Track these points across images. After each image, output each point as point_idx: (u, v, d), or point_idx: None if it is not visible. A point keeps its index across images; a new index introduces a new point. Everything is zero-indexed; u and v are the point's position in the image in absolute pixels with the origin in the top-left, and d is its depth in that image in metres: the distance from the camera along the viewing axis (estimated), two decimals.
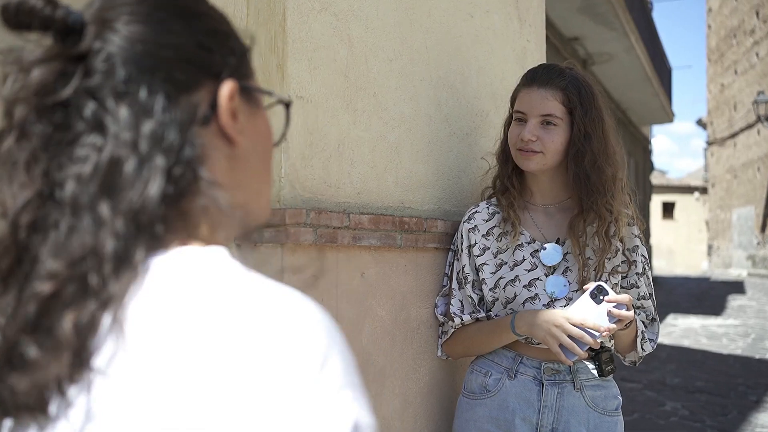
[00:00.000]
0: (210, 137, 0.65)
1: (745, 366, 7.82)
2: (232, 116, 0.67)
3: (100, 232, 0.58)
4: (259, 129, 0.71)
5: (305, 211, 1.59)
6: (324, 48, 1.73)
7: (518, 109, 1.87)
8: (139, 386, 0.55)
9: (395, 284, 1.88)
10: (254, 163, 0.70)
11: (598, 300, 1.68)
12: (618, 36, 9.90)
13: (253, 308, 0.57)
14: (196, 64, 0.65)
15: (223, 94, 0.66)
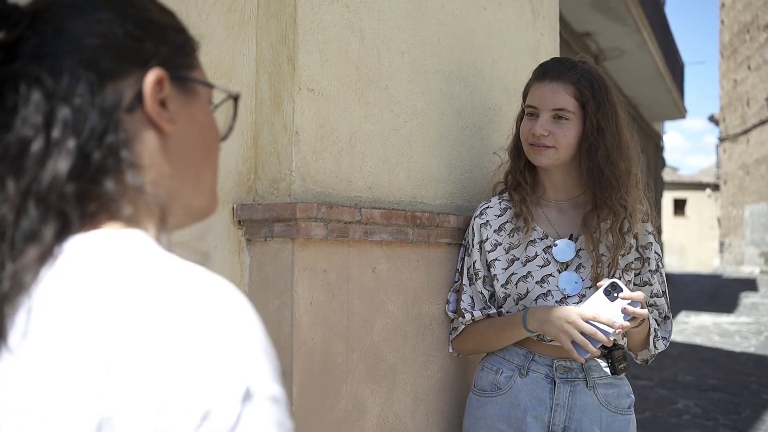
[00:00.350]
0: (137, 124, 0.67)
1: (758, 364, 7.75)
2: (160, 104, 0.68)
3: (3, 208, 0.60)
4: (197, 119, 0.72)
5: (316, 206, 1.57)
6: (335, 40, 1.70)
7: (530, 104, 1.85)
8: (34, 366, 0.57)
9: (407, 280, 1.86)
10: (190, 152, 0.72)
11: (612, 297, 1.65)
12: (630, 31, 9.82)
13: (160, 292, 0.58)
14: (124, 53, 0.66)
15: (148, 81, 0.67)
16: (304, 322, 1.57)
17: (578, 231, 1.84)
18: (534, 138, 1.81)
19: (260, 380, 0.57)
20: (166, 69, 0.68)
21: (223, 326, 0.57)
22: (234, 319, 0.58)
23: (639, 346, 1.85)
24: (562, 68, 1.82)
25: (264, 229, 1.60)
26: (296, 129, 1.60)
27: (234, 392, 0.55)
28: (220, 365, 0.55)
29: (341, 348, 1.66)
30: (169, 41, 0.71)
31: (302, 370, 1.57)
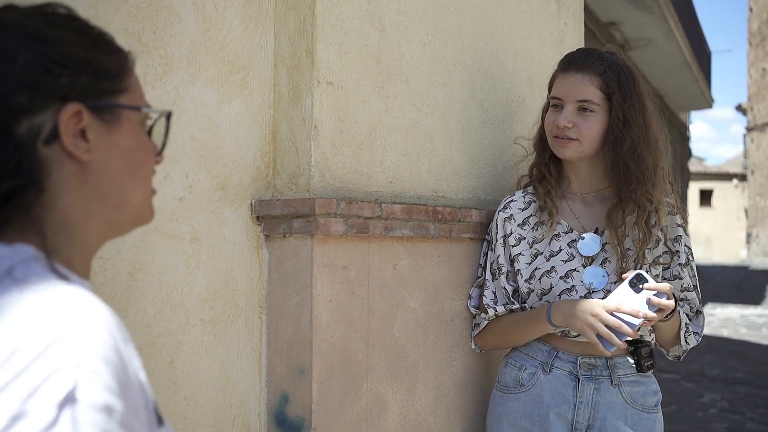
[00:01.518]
0: (56, 155, 0.71)
1: None
2: (77, 135, 0.72)
3: None
4: (120, 144, 0.76)
5: (336, 201, 1.54)
6: (355, 32, 1.67)
7: (554, 95, 1.81)
8: None
9: (428, 276, 1.83)
10: (112, 176, 0.75)
11: (637, 288, 1.62)
12: (656, 20, 9.66)
13: (8, 302, 0.62)
14: (39, 89, 0.70)
15: (62, 116, 0.70)
16: (323, 319, 1.55)
17: (604, 225, 1.80)
18: (558, 130, 1.77)
19: (90, 388, 0.58)
20: (85, 100, 0.72)
21: (59, 333, 0.60)
22: (74, 327, 0.61)
23: (670, 342, 1.81)
24: (587, 59, 1.78)
25: (283, 225, 1.57)
26: (315, 123, 1.58)
27: (52, 396, 0.57)
28: (43, 370, 0.57)
29: (361, 345, 1.64)
30: (91, 71, 0.73)
31: (322, 368, 1.55)
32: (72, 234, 0.73)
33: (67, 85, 0.71)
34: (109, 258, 1.32)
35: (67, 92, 0.71)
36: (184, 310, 1.45)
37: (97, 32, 0.77)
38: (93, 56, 0.74)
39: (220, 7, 1.54)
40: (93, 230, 0.76)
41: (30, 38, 0.71)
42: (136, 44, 1.38)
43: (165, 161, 1.40)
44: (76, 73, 0.72)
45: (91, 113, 0.73)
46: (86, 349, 0.60)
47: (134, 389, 0.64)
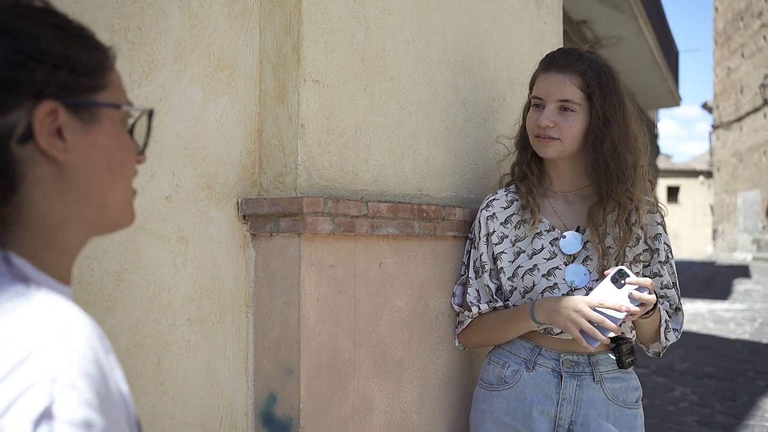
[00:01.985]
0: (31, 154, 0.67)
1: (753, 351, 7.79)
2: (52, 134, 0.68)
3: None
4: (98, 143, 0.72)
5: (323, 200, 1.54)
6: (340, 30, 1.67)
7: (536, 95, 1.83)
8: None
9: (413, 274, 1.84)
10: (90, 176, 0.72)
11: (619, 284, 1.63)
12: (627, 19, 9.79)
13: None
14: (12, 86, 0.66)
15: (37, 115, 0.67)
16: (311, 319, 1.55)
17: (585, 223, 1.82)
18: (539, 129, 1.79)
19: (67, 403, 0.56)
20: (61, 97, 0.68)
21: (34, 346, 0.57)
22: (50, 339, 0.58)
23: (650, 338, 1.83)
24: (568, 59, 1.80)
25: (270, 224, 1.57)
26: (302, 121, 1.57)
27: (27, 413, 0.55)
28: (18, 385, 0.55)
29: (348, 344, 1.64)
30: (68, 67, 0.70)
31: (310, 367, 1.54)
32: (49, 237, 0.70)
33: (41, 81, 0.67)
34: (96, 258, 1.30)
35: (42, 89, 0.67)
36: (171, 309, 1.44)
37: (75, 26, 0.73)
38: (70, 51, 0.71)
39: (205, 4, 1.53)
40: (72, 233, 0.72)
41: (2, 32, 0.66)
42: (122, 41, 1.36)
43: (151, 160, 1.39)
44: (52, 69, 0.68)
45: (67, 111, 0.69)
46: (63, 363, 0.57)
47: (115, 402, 0.62)
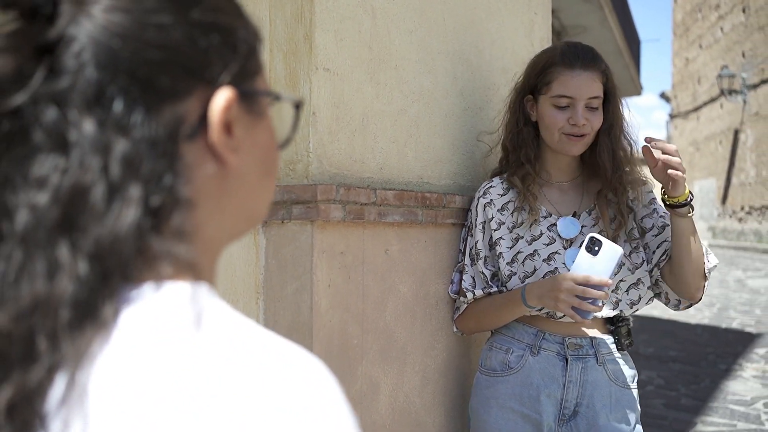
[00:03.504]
0: (195, 154, 0.54)
1: (713, 335, 8.01)
2: (226, 131, 0.55)
3: (56, 279, 0.47)
4: (260, 141, 0.59)
5: (335, 187, 1.55)
6: (349, 18, 1.68)
7: (563, 94, 1.79)
8: None
9: (416, 261, 1.86)
10: (250, 182, 0.59)
11: (594, 252, 1.62)
12: (593, 8, 9.91)
13: (256, 370, 0.48)
14: (187, 68, 0.52)
15: (216, 106, 0.54)
16: (323, 305, 1.56)
17: (580, 209, 1.88)
18: (575, 128, 1.79)
19: None
20: (236, 84, 0.55)
21: (326, 419, 0.48)
22: (333, 409, 0.49)
23: (696, 260, 1.76)
24: (591, 55, 1.82)
25: (281, 211, 1.57)
26: (313, 109, 1.58)
27: None
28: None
29: (357, 330, 1.66)
30: (239, 48, 0.56)
31: (321, 353, 1.56)
32: (207, 256, 0.57)
33: (217, 64, 0.54)
34: None
35: (216, 74, 0.54)
36: None
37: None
38: (238, 25, 0.57)
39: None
40: (220, 246, 0.59)
41: (175, 1, 0.53)
42: None
43: None
44: (228, 49, 0.55)
45: (239, 102, 0.56)
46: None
47: None
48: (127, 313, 0.49)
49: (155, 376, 0.47)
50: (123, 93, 0.50)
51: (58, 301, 0.47)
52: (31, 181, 0.48)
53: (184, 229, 0.52)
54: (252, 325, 0.52)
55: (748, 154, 21.35)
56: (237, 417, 0.46)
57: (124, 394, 0.47)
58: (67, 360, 0.47)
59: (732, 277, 13.85)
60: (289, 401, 0.47)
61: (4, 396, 0.46)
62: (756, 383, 5.73)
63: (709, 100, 25.07)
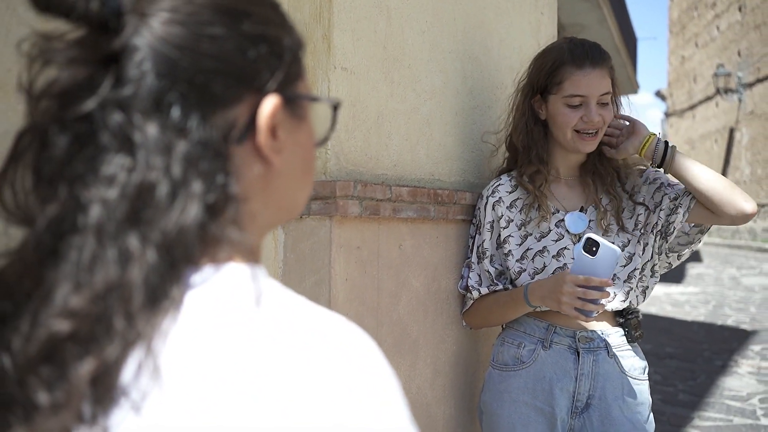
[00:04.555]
0: (243, 156, 0.59)
1: (709, 332, 8.08)
2: (272, 134, 0.60)
3: (127, 267, 0.52)
4: (301, 142, 0.65)
5: (353, 184, 1.59)
6: (366, 18, 1.72)
7: (576, 93, 1.81)
8: (179, 426, 0.51)
9: (428, 256, 1.90)
10: (291, 180, 0.65)
11: (592, 252, 1.63)
12: (591, 7, 9.96)
13: (312, 340, 0.53)
14: (238, 77, 0.58)
15: (264, 112, 0.59)
16: (340, 298, 1.60)
17: (587, 204, 1.90)
18: (590, 125, 1.82)
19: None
20: (281, 90, 0.61)
21: (381, 394, 0.54)
22: (392, 380, 0.55)
23: (726, 188, 1.80)
24: (598, 53, 1.85)
25: None
26: None
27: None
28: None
29: (372, 323, 1.70)
30: (284, 56, 0.61)
31: None
32: (254, 249, 0.62)
33: (264, 73, 0.59)
34: None
35: (264, 82, 0.59)
36: None
37: (275, 2, 0.64)
38: (283, 34, 0.62)
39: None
40: (264, 236, 0.65)
41: (228, 13, 0.58)
42: None
43: None
44: (275, 59, 0.60)
45: (284, 106, 0.61)
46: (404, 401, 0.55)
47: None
48: (193, 294, 0.55)
49: (220, 353, 0.52)
50: (180, 100, 0.55)
51: (131, 286, 0.52)
52: (101, 179, 0.53)
53: (239, 219, 0.57)
54: (306, 303, 0.57)
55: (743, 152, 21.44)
56: (293, 395, 0.51)
57: (193, 369, 0.52)
58: (142, 337, 0.52)
59: (727, 275, 13.94)
60: (341, 374, 0.52)
61: (86, 369, 0.51)
62: (751, 379, 5.79)
63: (704, 98, 25.15)
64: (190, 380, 0.52)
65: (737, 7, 22.14)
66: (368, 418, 0.52)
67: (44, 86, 0.55)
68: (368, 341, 0.57)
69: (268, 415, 0.50)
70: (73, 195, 0.53)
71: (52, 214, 0.53)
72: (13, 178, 0.55)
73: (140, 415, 0.51)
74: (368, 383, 0.53)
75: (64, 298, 0.51)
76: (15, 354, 0.52)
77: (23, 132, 0.56)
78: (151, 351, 0.52)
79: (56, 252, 0.53)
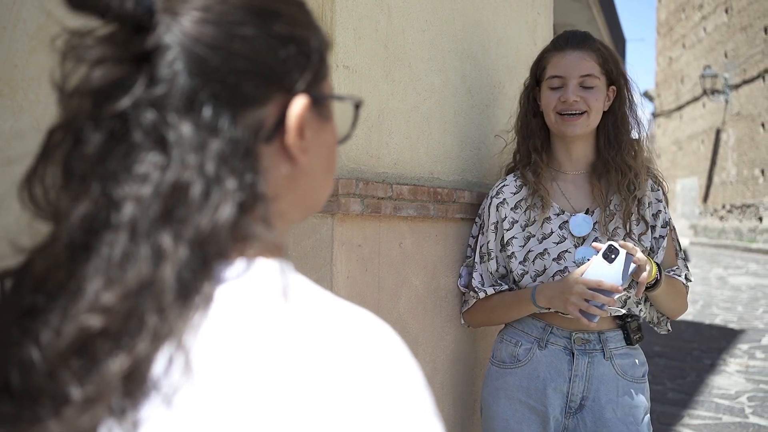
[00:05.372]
0: (271, 156, 0.60)
1: (697, 331, 8.14)
2: (299, 134, 0.61)
3: (160, 264, 0.52)
4: (326, 141, 0.66)
5: (355, 181, 1.60)
6: (367, 17, 1.72)
7: (555, 74, 1.85)
8: (210, 419, 0.51)
9: (428, 254, 1.91)
10: (316, 177, 0.65)
11: (610, 260, 1.68)
12: (581, 7, 10.00)
13: (339, 333, 0.54)
14: (268, 77, 0.58)
15: (294, 112, 0.60)
16: (341, 296, 1.60)
17: (594, 204, 1.88)
18: (565, 106, 1.82)
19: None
20: (309, 91, 0.61)
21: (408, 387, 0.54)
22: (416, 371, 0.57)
23: (673, 309, 1.90)
24: (581, 38, 1.87)
25: None
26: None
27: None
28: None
29: None
30: (312, 57, 0.62)
31: None
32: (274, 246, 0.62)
33: (293, 73, 0.60)
34: None
35: (293, 83, 0.60)
36: None
37: (302, 2, 0.64)
38: (310, 35, 0.63)
39: None
40: (285, 237, 0.65)
41: (259, 13, 0.58)
42: None
43: None
44: (303, 59, 0.61)
45: (311, 107, 0.62)
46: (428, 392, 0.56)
47: None
48: (223, 289, 0.55)
49: (251, 347, 0.53)
50: (212, 99, 0.55)
51: (163, 283, 0.52)
52: (135, 176, 0.54)
53: (267, 217, 0.58)
54: (334, 298, 0.58)
55: (730, 153, 21.60)
56: (321, 389, 0.52)
57: (224, 362, 0.52)
58: (173, 332, 0.52)
59: (714, 275, 14.03)
60: (367, 365, 0.53)
61: (118, 365, 0.51)
62: (740, 378, 5.84)
63: (691, 99, 25.30)
64: (220, 373, 0.52)
65: (724, 9, 22.30)
66: (394, 413, 0.53)
67: (77, 84, 0.55)
68: (394, 336, 0.57)
69: (297, 409, 0.51)
70: (106, 192, 0.53)
71: (85, 211, 0.53)
72: (43, 174, 0.56)
73: (171, 409, 0.52)
74: (394, 378, 0.54)
75: (95, 294, 0.52)
76: (44, 347, 0.52)
77: (55, 128, 0.56)
78: (182, 346, 0.52)
79: (88, 248, 0.53)
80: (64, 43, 0.55)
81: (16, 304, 0.55)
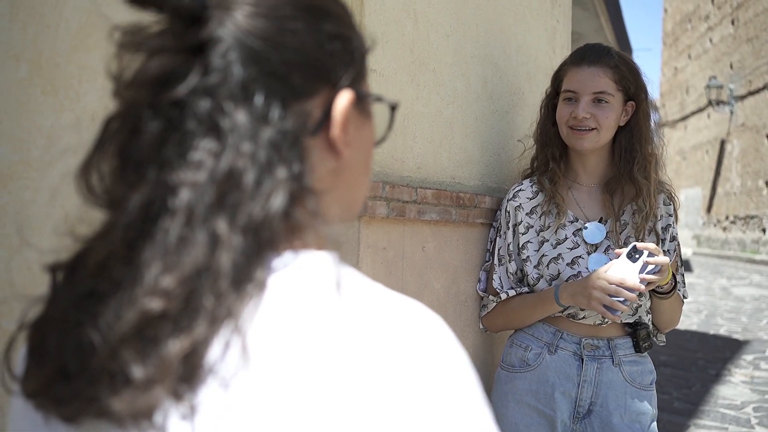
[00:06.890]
0: (317, 148, 0.61)
1: (702, 341, 8.13)
2: (344, 128, 0.62)
3: (216, 250, 0.53)
4: (365, 138, 0.67)
5: (381, 185, 1.60)
6: (394, 22, 1.73)
7: (568, 89, 1.89)
8: (266, 404, 0.52)
9: (449, 258, 1.92)
10: (355, 174, 0.66)
11: (634, 259, 1.71)
12: (589, 16, 10.00)
13: (391, 323, 0.55)
14: (316, 70, 0.60)
15: (340, 105, 0.61)
16: None
17: (607, 214, 1.91)
18: (575, 121, 1.85)
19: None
20: (353, 87, 0.63)
21: (458, 376, 0.56)
22: (466, 361, 0.58)
23: (666, 322, 1.94)
24: (599, 53, 1.88)
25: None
26: None
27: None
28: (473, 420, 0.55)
29: None
30: (355, 54, 0.64)
31: None
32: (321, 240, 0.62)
33: (339, 68, 0.62)
34: None
35: (339, 77, 0.61)
36: None
37: (345, 4, 0.66)
38: (353, 34, 0.65)
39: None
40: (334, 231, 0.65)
41: (309, 9, 0.61)
42: None
43: None
44: (348, 55, 0.63)
45: (354, 102, 0.63)
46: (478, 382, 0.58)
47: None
48: (276, 278, 0.56)
49: (303, 336, 0.53)
50: (264, 89, 0.57)
51: (219, 268, 0.53)
52: (189, 163, 0.54)
53: (317, 208, 0.58)
54: (385, 290, 0.59)
55: (734, 164, 21.60)
56: (372, 380, 0.52)
57: (277, 350, 0.53)
58: (230, 316, 0.53)
59: (717, 285, 14.02)
60: (419, 356, 0.54)
61: (178, 346, 0.52)
62: (745, 388, 5.84)
63: (696, 109, 25.31)
64: (276, 361, 0.53)
65: (730, 21, 22.33)
66: (446, 403, 0.53)
67: (135, 74, 0.57)
68: (445, 328, 0.58)
69: (347, 397, 0.51)
70: (162, 179, 0.54)
71: (142, 198, 0.54)
72: (99, 162, 0.57)
73: (227, 394, 0.52)
74: (446, 368, 0.55)
75: (155, 278, 0.53)
76: (105, 330, 0.53)
77: (112, 118, 0.58)
78: (239, 330, 0.53)
79: (146, 234, 0.54)
80: (121, 36, 0.57)
81: (71, 293, 0.56)
